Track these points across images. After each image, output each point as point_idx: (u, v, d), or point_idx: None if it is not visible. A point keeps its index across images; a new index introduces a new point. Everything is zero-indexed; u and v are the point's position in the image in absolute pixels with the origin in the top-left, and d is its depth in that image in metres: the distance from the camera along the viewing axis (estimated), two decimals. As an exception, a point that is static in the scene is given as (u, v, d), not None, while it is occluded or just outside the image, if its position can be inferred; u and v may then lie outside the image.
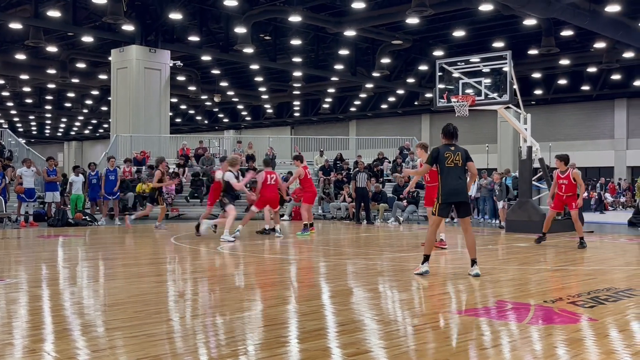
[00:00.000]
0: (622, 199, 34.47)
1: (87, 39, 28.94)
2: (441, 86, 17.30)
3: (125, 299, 6.47)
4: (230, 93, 43.77)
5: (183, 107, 51.38)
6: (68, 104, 50.29)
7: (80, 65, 35.53)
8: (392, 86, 38.10)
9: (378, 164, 25.40)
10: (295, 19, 25.37)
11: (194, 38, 28.34)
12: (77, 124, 61.56)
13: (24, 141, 28.89)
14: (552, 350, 4.55)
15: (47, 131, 68.02)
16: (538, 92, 38.48)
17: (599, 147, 40.76)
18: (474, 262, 8.20)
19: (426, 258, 8.25)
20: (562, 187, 12.50)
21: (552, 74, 36.87)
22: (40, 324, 5.40)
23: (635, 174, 36.96)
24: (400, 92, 41.99)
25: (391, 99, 44.79)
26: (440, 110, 21.92)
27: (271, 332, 5.06)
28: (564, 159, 12.61)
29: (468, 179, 8.42)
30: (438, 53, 30.76)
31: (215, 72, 38.27)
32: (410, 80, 36.76)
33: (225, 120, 56.33)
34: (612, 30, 24.64)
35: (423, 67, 34.78)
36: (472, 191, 21.33)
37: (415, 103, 42.30)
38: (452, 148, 8.23)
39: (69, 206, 19.49)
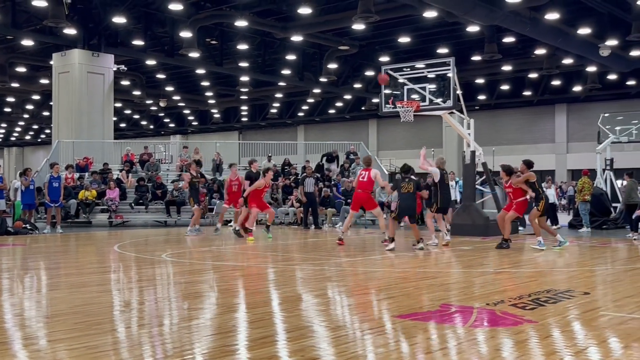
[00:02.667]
0: (563, 202, 35.38)
1: (28, 42, 28.21)
2: (387, 92, 17.48)
3: (67, 310, 6.31)
4: (176, 98, 43.26)
5: (128, 111, 50.52)
6: (8, 109, 48.85)
7: (21, 69, 34.59)
8: (339, 91, 38.30)
9: (329, 164, 25.39)
10: (241, 23, 25.28)
11: (138, 42, 27.92)
12: (18, 129, 59.84)
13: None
14: (496, 353, 4.65)
15: (-14, 137, 66.04)
16: (481, 97, 39.23)
17: (540, 151, 41.76)
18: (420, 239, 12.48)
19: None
20: (510, 194, 13.12)
21: (494, 80, 37.64)
22: (-23, 337, 5.22)
23: (575, 177, 38.00)
24: (348, 97, 42.25)
25: (339, 104, 45.03)
26: (386, 116, 22.16)
27: (218, 340, 5.02)
28: (505, 170, 13.05)
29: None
30: (384, 59, 31.06)
31: (161, 76, 37.77)
32: (357, 85, 37.04)
33: (172, 125, 55.64)
34: (551, 37, 25.36)
35: (370, 73, 35.05)
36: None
37: (362, 108, 42.62)
38: (407, 180, 12.34)
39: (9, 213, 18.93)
